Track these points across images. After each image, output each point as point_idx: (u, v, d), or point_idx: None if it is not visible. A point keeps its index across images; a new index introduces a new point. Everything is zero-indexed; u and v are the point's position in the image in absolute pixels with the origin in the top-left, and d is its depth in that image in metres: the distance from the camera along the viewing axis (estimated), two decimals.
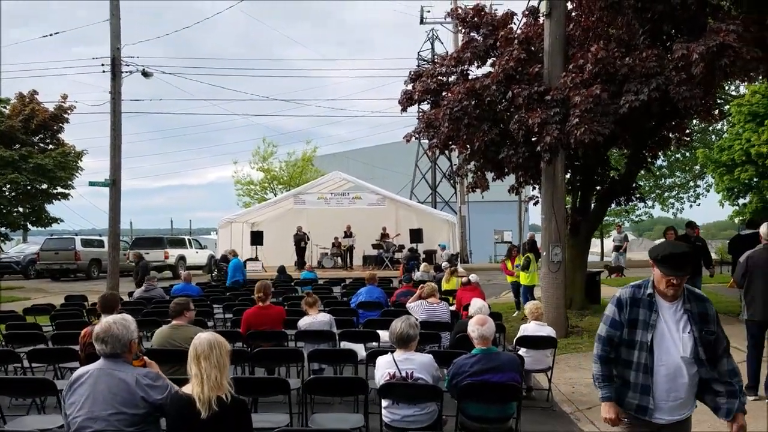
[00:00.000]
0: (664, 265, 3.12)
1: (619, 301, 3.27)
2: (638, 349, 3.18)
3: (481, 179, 12.50)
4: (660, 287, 3.18)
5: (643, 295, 3.22)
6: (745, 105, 17.12)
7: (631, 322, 3.21)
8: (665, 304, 3.19)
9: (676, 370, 3.13)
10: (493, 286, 18.03)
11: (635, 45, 9.38)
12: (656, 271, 3.16)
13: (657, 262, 3.16)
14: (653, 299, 3.19)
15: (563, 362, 8.22)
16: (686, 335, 3.13)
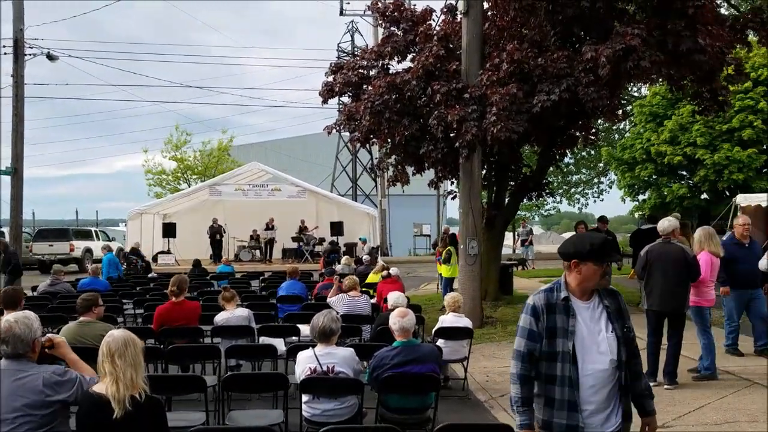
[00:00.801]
0: (599, 257, 2.81)
1: (534, 310, 2.89)
2: (560, 360, 2.81)
3: (402, 173, 12.65)
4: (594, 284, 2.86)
5: (558, 299, 2.87)
6: (647, 106, 18.22)
7: (550, 332, 2.84)
8: (582, 304, 2.89)
9: (603, 378, 2.82)
10: (413, 279, 18.31)
11: (547, 46, 9.76)
12: (588, 267, 2.80)
13: (587, 255, 2.82)
14: (569, 303, 2.86)
15: (478, 352, 8.48)
16: (610, 335, 2.84)
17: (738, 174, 15.63)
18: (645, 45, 8.43)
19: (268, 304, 9.35)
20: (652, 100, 18.14)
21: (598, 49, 8.50)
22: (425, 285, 16.75)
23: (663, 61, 8.85)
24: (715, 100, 10.28)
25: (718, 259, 6.79)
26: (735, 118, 15.49)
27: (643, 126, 18.25)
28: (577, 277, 2.85)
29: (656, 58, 8.59)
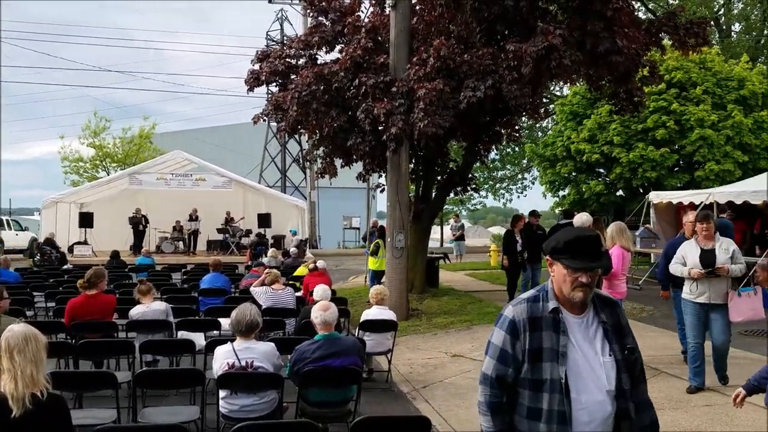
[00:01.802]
0: (570, 256, 2.26)
1: (512, 327, 2.31)
2: (548, 390, 2.24)
3: (330, 165, 12.56)
4: (563, 292, 2.29)
5: (545, 311, 2.30)
6: (567, 105, 18.86)
7: (534, 354, 2.26)
8: (573, 319, 2.31)
9: (601, 414, 2.25)
10: (341, 272, 18.28)
11: (473, 43, 9.91)
12: (557, 268, 2.31)
13: (557, 253, 2.31)
14: (558, 315, 2.29)
15: (403, 344, 8.56)
16: (607, 360, 2.27)
17: (651, 172, 16.44)
18: (566, 44, 8.70)
19: (189, 298, 9.09)
20: (572, 100, 18.78)
21: (522, 47, 8.72)
22: (354, 278, 16.76)
23: (582, 61, 9.17)
24: (631, 101, 10.76)
25: (629, 252, 7.10)
26: (649, 118, 16.26)
27: (564, 124, 18.87)
28: (553, 279, 2.35)
29: (576, 58, 8.89)
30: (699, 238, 6.00)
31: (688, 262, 5.95)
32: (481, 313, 10.55)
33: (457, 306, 11.33)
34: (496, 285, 14.27)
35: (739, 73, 16.86)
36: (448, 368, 7.54)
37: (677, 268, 6.08)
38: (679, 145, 16.54)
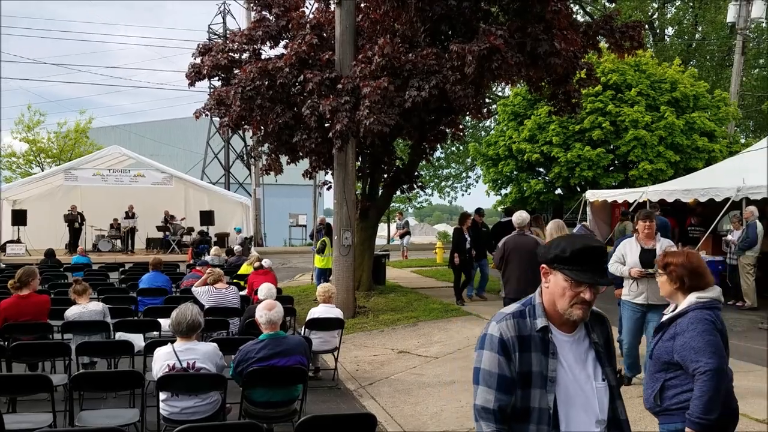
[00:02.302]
0: (578, 267, 2.00)
1: (503, 345, 2.03)
2: (536, 422, 2.01)
3: (275, 162, 12.42)
4: (558, 307, 2.04)
5: (533, 329, 2.06)
6: (509, 105, 19.29)
7: (523, 379, 2.02)
8: (563, 337, 2.08)
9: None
10: (288, 270, 18.13)
11: (418, 42, 10.00)
12: (555, 279, 2.05)
13: (561, 262, 2.02)
14: (548, 336, 2.05)
15: (350, 341, 8.57)
16: (600, 386, 2.06)
17: (588, 171, 17.01)
18: (507, 46, 8.89)
19: (128, 298, 8.83)
20: (513, 100, 19.20)
21: (465, 48, 8.85)
22: (300, 276, 16.65)
23: (523, 62, 9.38)
24: (569, 102, 11.08)
25: None
26: (586, 119, 16.81)
27: (506, 124, 19.28)
28: (545, 291, 2.09)
29: (517, 60, 9.09)
30: (640, 236, 5.82)
31: (628, 261, 5.77)
32: (427, 309, 10.68)
33: (403, 303, 11.43)
34: (442, 282, 14.47)
35: (672, 76, 17.62)
36: (394, 365, 7.60)
37: (617, 267, 5.85)
38: (614, 146, 17.17)
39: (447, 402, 6.08)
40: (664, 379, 3.01)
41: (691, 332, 2.91)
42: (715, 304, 3.03)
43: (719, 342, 2.92)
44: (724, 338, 3.00)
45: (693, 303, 3.01)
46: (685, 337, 2.92)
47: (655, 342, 3.09)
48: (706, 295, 3.01)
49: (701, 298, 3.01)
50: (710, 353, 2.85)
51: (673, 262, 3.11)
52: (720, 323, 2.99)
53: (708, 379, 2.81)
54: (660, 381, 3.02)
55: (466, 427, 5.38)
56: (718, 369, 2.82)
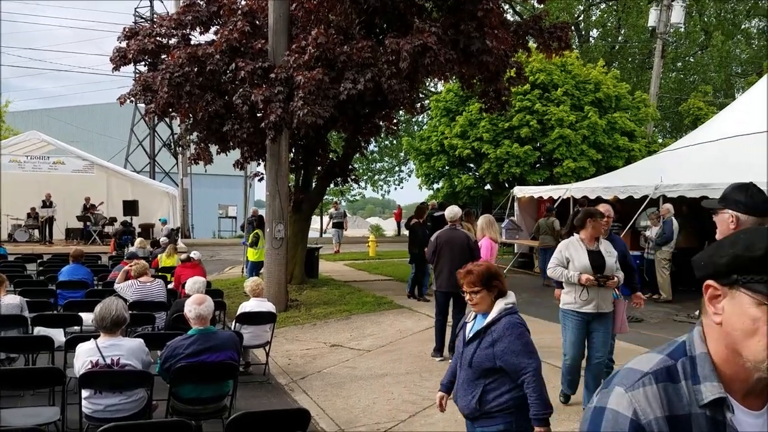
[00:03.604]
0: None
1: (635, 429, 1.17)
2: None
3: (205, 151, 12.10)
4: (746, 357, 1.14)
5: (694, 402, 1.18)
6: (442, 101, 19.56)
7: None
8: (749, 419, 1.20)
9: None
10: (216, 263, 17.73)
11: (353, 34, 9.96)
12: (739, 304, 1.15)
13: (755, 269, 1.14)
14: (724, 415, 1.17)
15: (281, 335, 8.49)
16: None
17: (516, 168, 17.51)
18: (440, 43, 8.99)
19: (46, 291, 8.40)
20: (446, 96, 19.49)
21: (400, 43, 8.89)
22: (230, 269, 16.32)
23: (456, 59, 9.52)
24: (499, 100, 11.35)
25: (496, 243, 7.55)
26: (515, 117, 17.28)
27: (439, 120, 19.55)
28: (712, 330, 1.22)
29: (450, 57, 9.21)
30: (582, 237, 5.13)
31: (575, 265, 5.01)
32: (360, 302, 10.71)
33: (336, 296, 11.41)
34: (375, 275, 14.56)
35: (596, 77, 18.37)
36: (326, 358, 7.59)
37: (559, 271, 5.10)
38: (541, 143, 17.75)
39: (379, 395, 6.13)
40: (484, 384, 3.13)
41: (509, 337, 3.07)
42: (516, 308, 3.24)
43: (533, 342, 3.17)
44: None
45: (503, 309, 3.16)
46: (505, 342, 3.07)
47: (473, 350, 3.16)
48: (510, 301, 3.20)
49: (508, 304, 3.18)
50: (530, 354, 3.08)
51: (490, 275, 3.22)
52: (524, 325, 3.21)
53: (536, 377, 3.04)
54: (480, 386, 3.14)
55: (397, 419, 5.45)
56: (539, 366, 3.09)
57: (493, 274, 3.22)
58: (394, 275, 14.19)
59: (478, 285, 3.18)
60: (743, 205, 2.64)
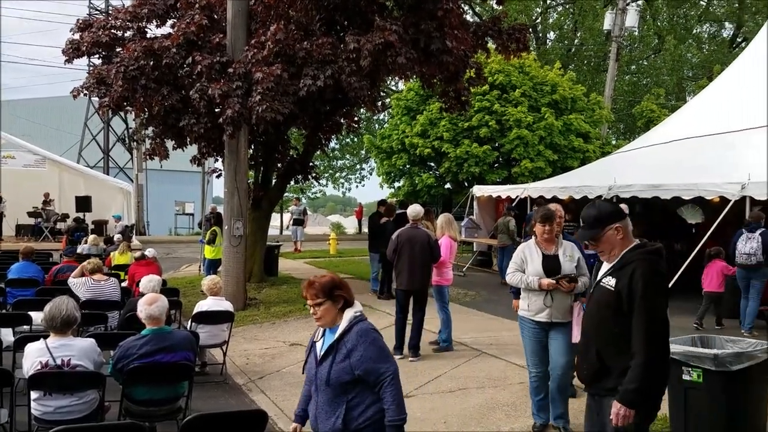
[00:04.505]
0: None
1: None
2: None
3: (160, 147, 11.87)
4: None
5: None
6: (402, 100, 19.63)
7: None
8: None
9: None
10: (173, 260, 17.41)
11: (313, 31, 9.91)
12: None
13: None
14: None
15: (239, 335, 8.38)
16: None
17: (475, 167, 17.70)
18: (401, 42, 9.02)
19: None
20: (407, 95, 19.56)
21: (360, 41, 8.89)
22: (187, 266, 16.04)
23: (416, 59, 9.56)
24: (459, 100, 11.45)
25: (455, 242, 7.63)
26: (474, 117, 17.47)
27: (399, 118, 19.60)
28: None
29: (411, 56, 9.25)
30: (539, 240, 4.88)
31: (529, 270, 4.81)
32: None
33: (296, 294, 11.32)
34: (336, 273, 14.49)
35: (553, 79, 18.72)
36: (286, 357, 7.53)
37: (519, 278, 4.86)
38: (499, 143, 17.99)
39: None
40: (347, 401, 2.99)
41: (364, 344, 2.97)
42: (364, 316, 3.12)
43: (387, 346, 3.09)
44: None
45: (353, 318, 3.04)
46: (360, 350, 2.96)
47: (328, 367, 3.01)
48: (358, 309, 3.09)
49: (356, 313, 3.07)
50: (386, 358, 3.00)
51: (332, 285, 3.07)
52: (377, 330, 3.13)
53: (394, 381, 2.96)
54: (343, 404, 3.00)
55: None
56: (397, 370, 3.01)
57: (337, 284, 3.07)
58: (355, 273, 14.17)
59: (321, 296, 3.02)
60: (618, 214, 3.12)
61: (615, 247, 3.07)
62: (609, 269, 3.09)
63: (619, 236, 3.05)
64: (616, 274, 3.02)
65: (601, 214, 3.09)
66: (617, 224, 3.05)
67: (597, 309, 3.13)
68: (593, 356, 3.08)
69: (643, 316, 2.90)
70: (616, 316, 2.99)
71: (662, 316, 2.98)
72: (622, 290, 2.96)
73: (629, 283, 2.94)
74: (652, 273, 2.96)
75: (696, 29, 31.68)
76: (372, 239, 11.39)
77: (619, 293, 2.97)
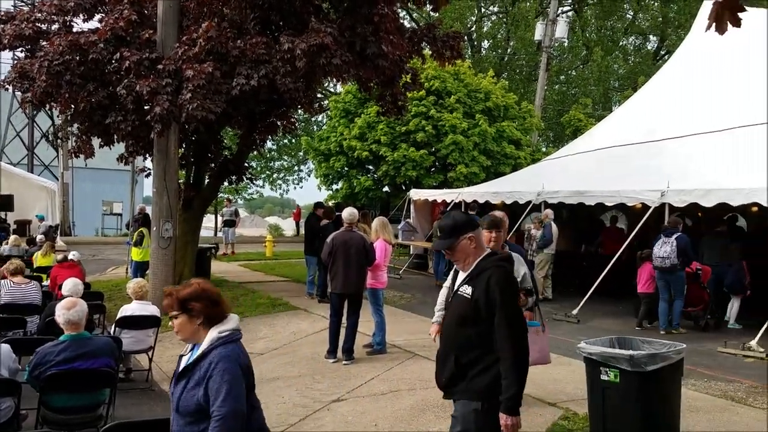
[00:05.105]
0: None
1: None
2: None
3: (86, 144, 11.46)
4: None
5: None
6: (340, 102, 19.64)
7: None
8: None
9: None
10: (99, 262, 16.77)
11: (247, 29, 9.78)
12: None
13: None
14: None
15: (167, 340, 8.13)
16: None
17: (412, 171, 17.91)
18: (336, 44, 9.02)
19: None
20: (345, 98, 19.58)
21: (295, 42, 8.84)
22: (114, 269, 15.46)
23: (352, 62, 9.58)
24: (395, 104, 11.55)
25: (390, 245, 7.69)
26: (411, 121, 17.67)
27: (338, 121, 19.60)
28: None
29: (346, 58, 9.27)
30: None
31: None
32: (254, 304, 10.50)
33: (228, 298, 10.84)
34: (271, 276, 14.32)
35: (486, 87, 19.16)
36: None
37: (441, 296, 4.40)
38: (436, 148, 18.26)
39: (269, 399, 6.03)
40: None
41: (217, 373, 2.62)
42: (236, 335, 2.78)
43: (239, 380, 2.67)
44: (248, 370, 2.79)
45: (215, 339, 2.70)
46: (211, 379, 2.62)
47: (180, 391, 2.69)
48: (226, 328, 2.73)
49: (222, 333, 2.71)
50: (227, 396, 2.59)
51: (188, 296, 2.74)
52: (243, 356, 2.77)
53: (219, 425, 2.56)
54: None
55: (287, 423, 5.40)
56: (233, 413, 2.59)
57: (196, 296, 2.70)
58: (291, 276, 14.04)
59: (176, 308, 2.69)
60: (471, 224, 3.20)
61: (469, 256, 3.14)
62: (465, 278, 3.15)
63: (472, 246, 3.13)
64: (472, 283, 3.09)
65: (457, 224, 3.17)
66: (470, 234, 3.13)
67: (455, 317, 3.17)
68: (452, 363, 3.11)
69: (505, 322, 2.97)
70: (474, 324, 3.04)
71: (520, 320, 3.09)
72: (479, 298, 3.02)
73: (486, 291, 3.00)
74: (506, 280, 3.06)
75: (622, 41, 33.12)
76: (309, 242, 11.28)
77: (476, 301, 3.03)
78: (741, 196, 8.37)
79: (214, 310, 2.72)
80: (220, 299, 2.78)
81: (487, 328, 3.00)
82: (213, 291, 2.79)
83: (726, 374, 6.76)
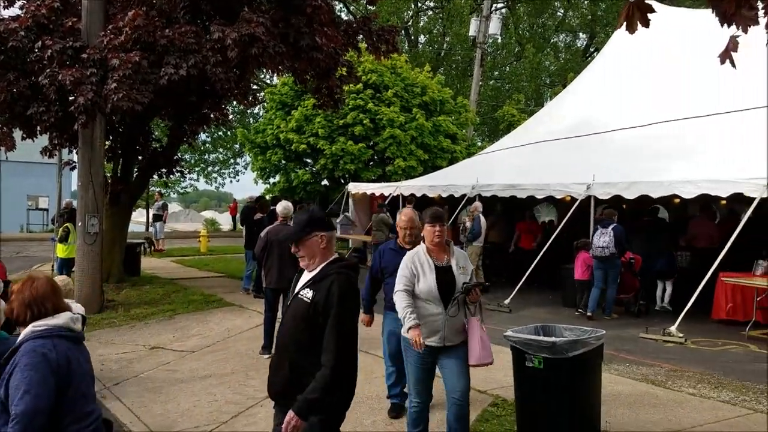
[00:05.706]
0: None
1: None
2: None
3: (7, 136, 10.93)
4: None
5: None
6: (277, 94, 19.37)
7: None
8: None
9: None
10: (24, 260, 16.02)
11: (176, 18, 9.51)
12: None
13: None
14: None
15: (94, 339, 7.88)
16: None
17: (350, 165, 17.87)
18: (269, 35, 8.89)
19: None
20: (281, 90, 19.32)
21: (225, 31, 8.66)
22: (39, 266, 14.77)
23: (286, 53, 9.47)
24: (332, 97, 11.48)
25: None
26: (349, 115, 17.61)
27: (274, 113, 19.32)
28: None
29: (280, 50, 9.15)
30: (429, 247, 4.17)
31: (421, 287, 4.06)
32: (186, 301, 10.26)
33: (159, 295, 10.82)
34: (205, 271, 14.03)
35: (423, 81, 19.32)
36: (145, 362, 7.18)
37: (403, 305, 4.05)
38: (374, 142, 18.30)
39: (200, 397, 5.93)
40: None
41: (20, 368, 2.54)
42: (57, 331, 2.66)
43: (43, 378, 2.55)
44: (65, 370, 2.64)
45: (28, 333, 2.64)
46: (13, 375, 2.55)
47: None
48: (43, 323, 2.65)
49: (37, 327, 2.64)
50: (25, 393, 2.48)
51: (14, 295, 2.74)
52: (59, 354, 2.63)
53: (16, 424, 2.46)
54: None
55: (218, 421, 5.31)
56: (29, 411, 2.48)
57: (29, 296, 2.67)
58: (225, 271, 13.78)
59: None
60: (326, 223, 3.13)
61: (316, 255, 3.03)
62: (308, 281, 3.04)
63: (322, 245, 3.01)
64: (314, 287, 2.98)
65: (312, 219, 3.07)
66: (323, 233, 3.03)
67: (293, 321, 3.04)
68: (286, 369, 2.99)
69: (336, 329, 2.87)
70: (311, 329, 2.93)
71: (352, 329, 2.98)
72: (319, 303, 2.92)
73: (326, 296, 2.90)
74: (348, 287, 2.96)
75: (553, 39, 34.12)
76: (249, 236, 11.10)
77: (315, 305, 2.92)
78: (662, 189, 8.81)
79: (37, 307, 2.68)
80: (45, 296, 2.72)
81: (323, 335, 2.88)
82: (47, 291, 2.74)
83: (647, 359, 7.09)
